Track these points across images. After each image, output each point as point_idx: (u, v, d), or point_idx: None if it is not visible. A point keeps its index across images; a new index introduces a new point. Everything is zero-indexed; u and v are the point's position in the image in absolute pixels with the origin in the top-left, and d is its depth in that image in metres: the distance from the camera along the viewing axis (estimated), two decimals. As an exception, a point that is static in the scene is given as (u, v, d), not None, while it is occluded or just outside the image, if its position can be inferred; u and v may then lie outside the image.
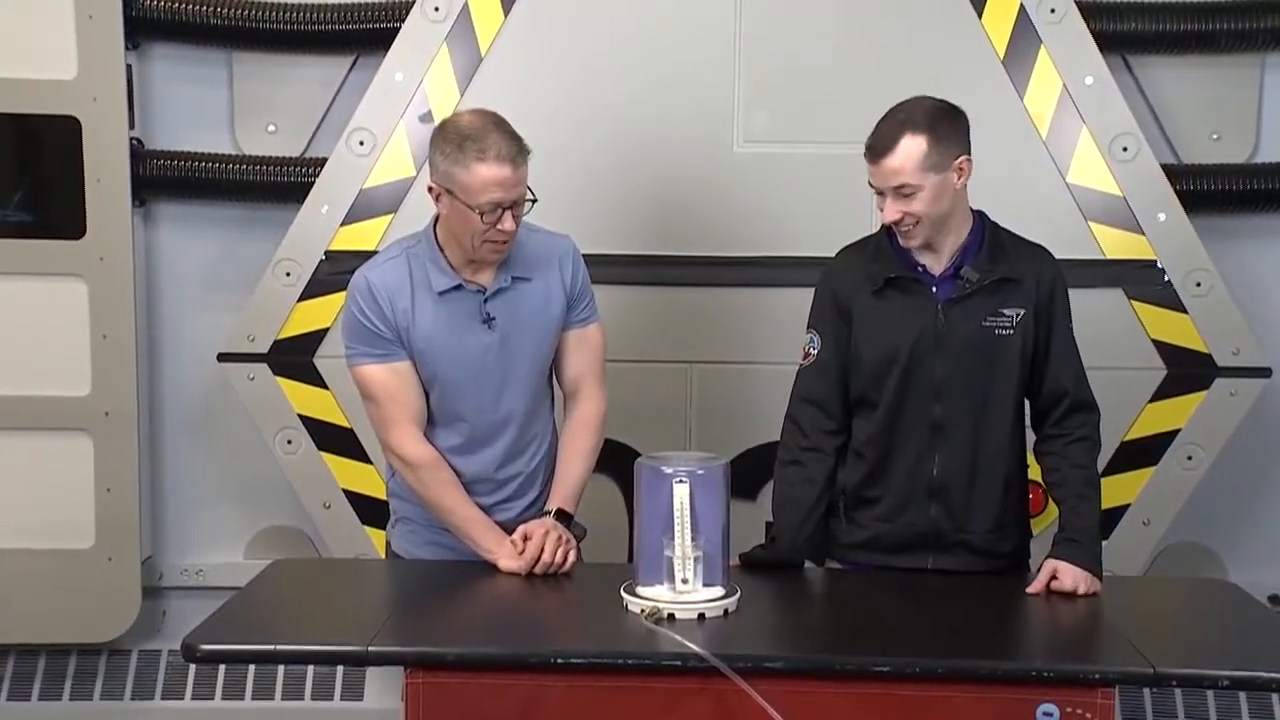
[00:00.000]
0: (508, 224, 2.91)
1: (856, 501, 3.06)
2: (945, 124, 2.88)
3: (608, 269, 3.71)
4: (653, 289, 3.99)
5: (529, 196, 2.94)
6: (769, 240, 3.96)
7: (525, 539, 2.97)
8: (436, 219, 3.04)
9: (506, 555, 2.97)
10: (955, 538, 3.00)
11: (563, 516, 3.06)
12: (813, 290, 3.12)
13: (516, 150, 2.89)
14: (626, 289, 3.91)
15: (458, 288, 3.01)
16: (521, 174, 2.90)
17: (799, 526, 3.04)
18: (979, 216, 3.01)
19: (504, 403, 3.07)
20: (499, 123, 2.92)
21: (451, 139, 2.89)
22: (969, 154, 2.91)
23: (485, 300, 3.02)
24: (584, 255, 3.17)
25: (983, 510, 3.00)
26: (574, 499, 3.11)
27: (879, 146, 2.87)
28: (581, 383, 3.17)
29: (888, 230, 2.99)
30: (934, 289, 2.97)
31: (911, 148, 2.84)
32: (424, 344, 3.01)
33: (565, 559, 2.97)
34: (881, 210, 2.92)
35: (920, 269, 2.98)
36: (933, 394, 2.96)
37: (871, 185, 2.92)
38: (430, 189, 2.96)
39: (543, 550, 2.95)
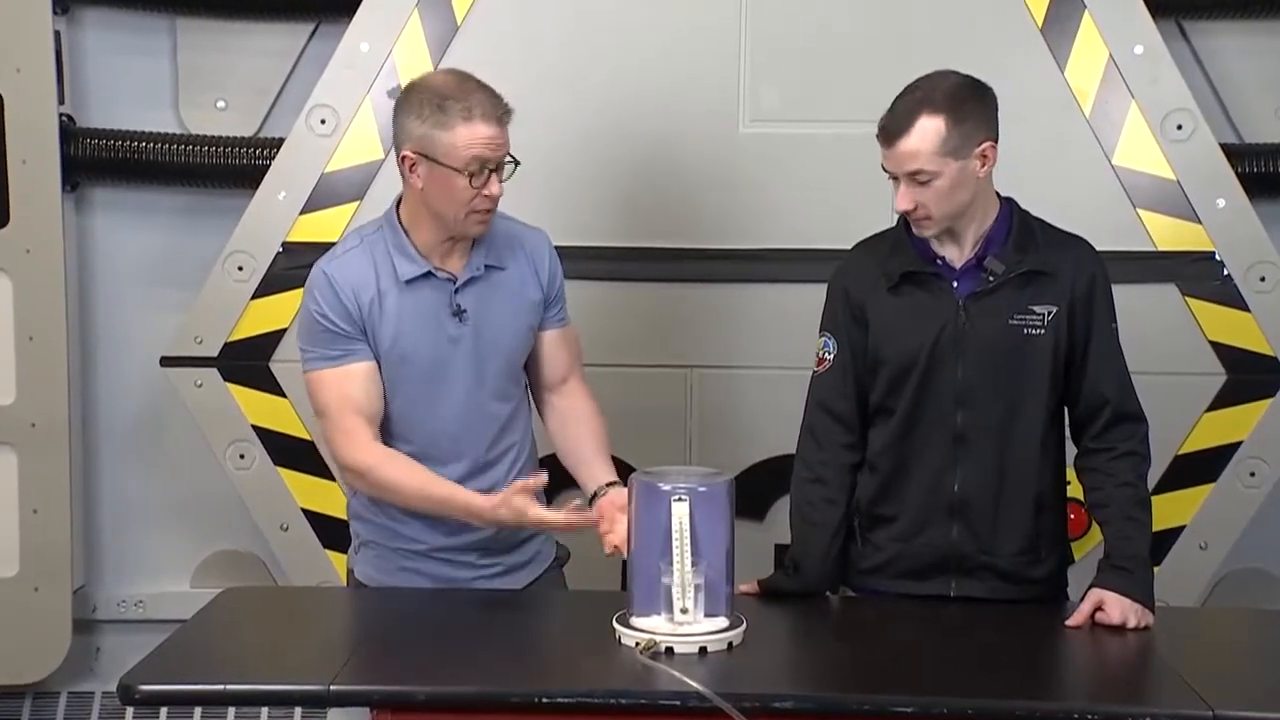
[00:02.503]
0: (494, 187, 2.98)
1: (871, 520, 3.11)
2: (969, 104, 2.92)
3: (598, 263, 3.76)
4: (648, 285, 4.02)
5: (510, 160, 3.01)
6: (778, 231, 4.00)
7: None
8: (398, 202, 3.10)
9: (515, 511, 2.95)
10: (980, 560, 3.04)
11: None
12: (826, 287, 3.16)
13: (502, 109, 2.99)
14: (619, 285, 3.95)
15: (427, 275, 3.06)
16: (506, 134, 2.99)
17: (825, 552, 3.10)
18: (1007, 203, 3.06)
19: (477, 405, 3.11)
20: (478, 82, 3.01)
21: (430, 100, 2.96)
22: (994, 139, 2.95)
23: (456, 290, 3.07)
24: (572, 247, 3.23)
25: (1011, 530, 3.04)
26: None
27: (893, 128, 2.92)
28: (569, 377, 3.23)
29: (906, 220, 3.03)
30: (955, 283, 3.01)
31: (928, 130, 2.89)
32: (390, 340, 3.05)
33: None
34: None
35: (940, 261, 3.03)
36: (954, 400, 3.01)
37: (885, 170, 2.97)
38: (404, 159, 3.00)
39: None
